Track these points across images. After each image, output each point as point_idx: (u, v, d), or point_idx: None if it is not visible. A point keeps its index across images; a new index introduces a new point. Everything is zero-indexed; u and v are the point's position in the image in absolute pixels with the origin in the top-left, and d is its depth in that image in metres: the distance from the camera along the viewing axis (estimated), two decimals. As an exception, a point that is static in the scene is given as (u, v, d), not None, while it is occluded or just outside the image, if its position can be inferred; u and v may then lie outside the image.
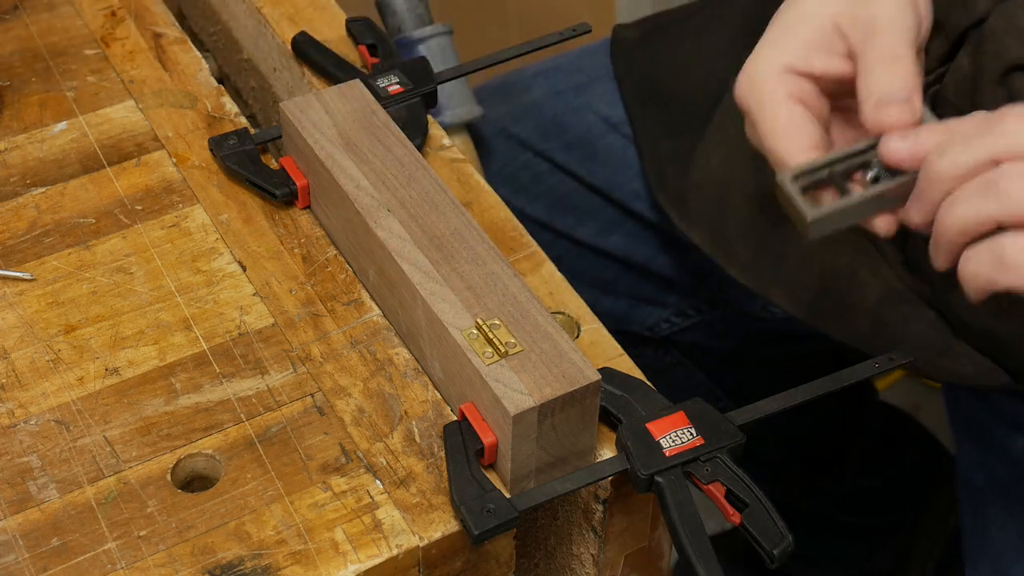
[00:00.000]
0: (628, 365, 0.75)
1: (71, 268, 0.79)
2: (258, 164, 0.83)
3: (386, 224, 0.74)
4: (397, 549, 0.66)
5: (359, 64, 0.90)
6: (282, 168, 0.82)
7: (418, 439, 0.71)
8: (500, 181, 1.09)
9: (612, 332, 0.77)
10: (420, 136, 0.85)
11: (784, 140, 0.72)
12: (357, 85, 0.82)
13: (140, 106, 0.88)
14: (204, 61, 0.92)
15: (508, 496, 0.67)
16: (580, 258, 1.11)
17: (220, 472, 0.69)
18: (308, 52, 0.90)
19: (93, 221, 0.82)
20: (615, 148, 1.08)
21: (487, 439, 0.68)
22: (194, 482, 0.70)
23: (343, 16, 0.94)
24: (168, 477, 0.69)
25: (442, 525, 0.67)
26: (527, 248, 0.81)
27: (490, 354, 0.68)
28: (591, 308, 0.78)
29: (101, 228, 0.81)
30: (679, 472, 0.68)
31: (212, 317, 0.77)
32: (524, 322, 0.70)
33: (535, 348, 0.68)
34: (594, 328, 0.77)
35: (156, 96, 0.89)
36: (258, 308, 0.77)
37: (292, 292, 0.78)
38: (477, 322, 0.69)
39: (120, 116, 0.88)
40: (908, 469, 1.41)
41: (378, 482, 0.69)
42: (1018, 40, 0.78)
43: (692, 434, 0.69)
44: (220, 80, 0.96)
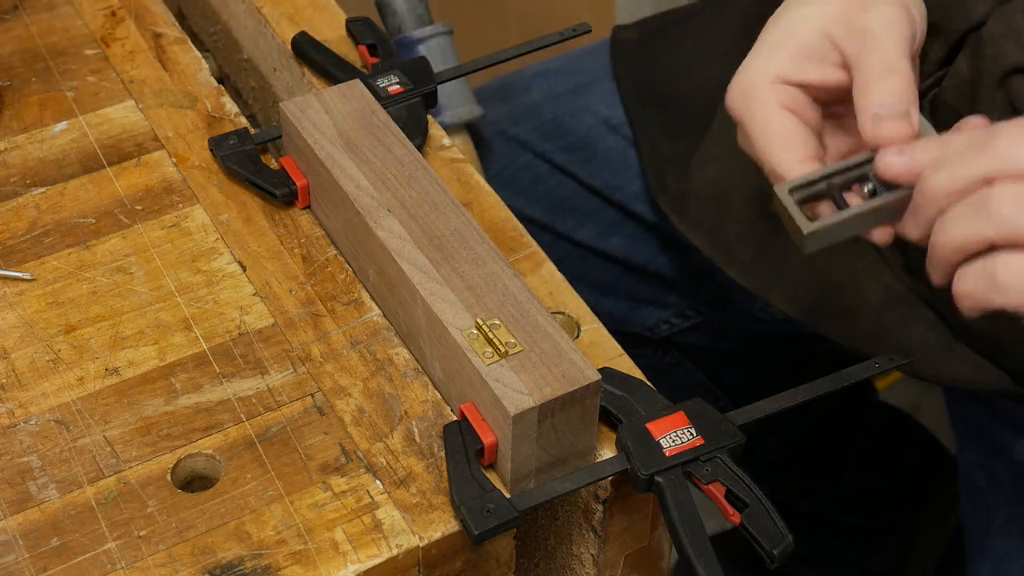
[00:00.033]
0: (628, 365, 0.75)
1: (71, 268, 0.79)
2: (258, 164, 0.83)
3: (386, 224, 0.74)
4: (397, 549, 0.66)
5: (359, 64, 0.90)
6: (282, 168, 0.82)
7: (418, 439, 0.71)
8: (500, 183, 1.09)
9: (612, 333, 0.77)
10: (420, 136, 0.85)
11: (778, 151, 0.71)
12: (357, 85, 0.82)
13: (140, 106, 0.88)
14: (204, 61, 0.92)
15: (508, 496, 0.67)
16: (580, 260, 1.11)
17: (220, 472, 0.69)
18: (308, 52, 0.90)
19: (93, 221, 0.82)
20: (615, 150, 1.08)
21: (487, 439, 0.68)
22: (194, 482, 0.70)
23: (343, 16, 0.94)
24: (168, 477, 0.69)
25: (442, 525, 0.67)
26: (527, 248, 0.81)
27: (490, 354, 0.68)
28: (591, 310, 0.78)
29: (101, 228, 0.81)
30: (679, 472, 0.68)
31: (212, 317, 0.77)
32: (524, 322, 0.70)
33: (535, 348, 0.68)
34: (594, 328, 0.77)
35: (156, 96, 0.89)
36: (258, 308, 0.77)
37: (292, 292, 0.78)
38: (477, 322, 0.69)
39: (120, 116, 0.88)
40: (908, 469, 1.41)
41: (378, 482, 0.69)
42: (1017, 44, 0.78)
43: (692, 434, 0.69)
44: (220, 80, 0.96)
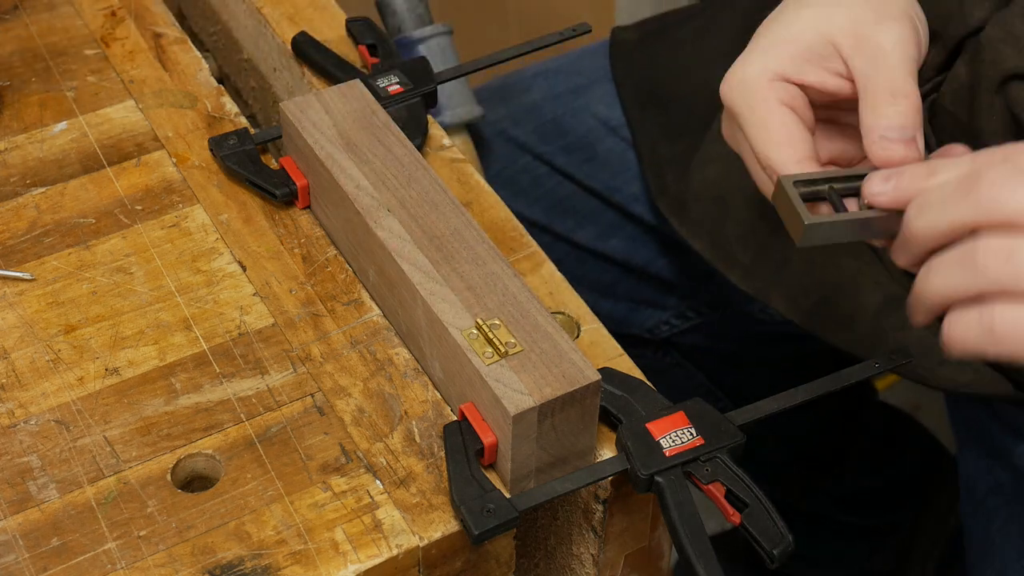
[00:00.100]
0: (628, 365, 0.75)
1: (71, 268, 0.79)
2: (258, 164, 0.83)
3: (386, 224, 0.74)
4: (397, 549, 0.66)
5: (359, 64, 0.90)
6: (282, 168, 0.82)
7: (418, 439, 0.71)
8: (499, 184, 1.09)
9: (612, 335, 0.77)
10: (420, 136, 0.85)
11: (776, 147, 0.71)
12: (357, 85, 0.82)
13: (140, 106, 0.88)
14: (204, 61, 0.92)
15: (508, 496, 0.67)
16: (580, 261, 1.11)
17: (220, 472, 0.69)
18: (308, 52, 0.90)
19: (93, 221, 0.82)
20: (614, 151, 1.08)
21: (487, 439, 0.68)
22: (194, 482, 0.70)
23: (343, 16, 0.94)
24: (168, 477, 0.69)
25: (442, 525, 0.67)
26: (527, 248, 0.81)
27: (490, 354, 0.68)
28: (591, 311, 0.78)
29: (101, 228, 0.81)
30: (679, 472, 0.68)
31: (212, 317, 0.77)
32: (524, 322, 0.70)
33: (535, 348, 0.68)
34: (594, 328, 0.77)
35: (156, 96, 0.89)
36: (258, 308, 0.77)
37: (292, 292, 0.78)
38: (477, 322, 0.69)
39: (120, 116, 0.88)
40: (908, 469, 1.41)
41: (378, 482, 0.69)
42: (1015, 49, 0.78)
43: (692, 434, 0.69)
44: (220, 80, 0.96)
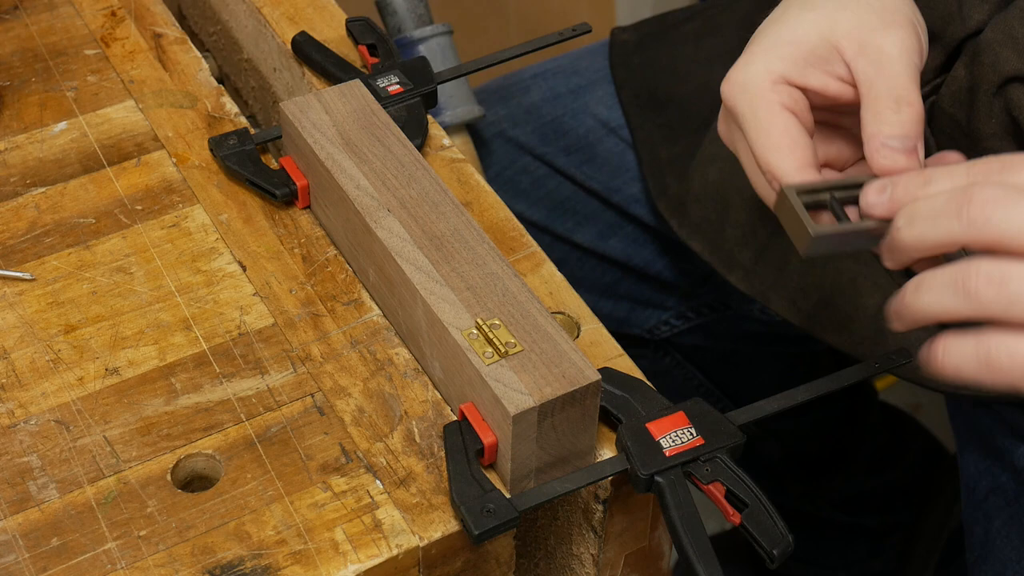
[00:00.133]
0: (628, 365, 0.75)
1: (71, 268, 0.79)
2: (258, 164, 0.83)
3: (386, 224, 0.74)
4: (397, 549, 0.66)
5: (359, 64, 0.90)
6: (282, 168, 0.82)
7: (418, 439, 0.71)
8: (500, 184, 1.09)
9: (612, 335, 0.77)
10: (420, 136, 0.85)
11: (778, 154, 0.70)
12: (357, 85, 0.82)
13: (140, 106, 0.88)
14: (204, 61, 0.92)
15: (508, 496, 0.67)
16: (579, 262, 1.11)
17: (220, 472, 0.69)
18: (308, 52, 0.90)
19: (93, 221, 0.82)
20: (614, 152, 1.08)
21: (487, 439, 0.68)
22: (194, 482, 0.70)
23: (343, 16, 0.94)
24: (168, 477, 0.69)
25: (442, 525, 0.67)
26: (527, 248, 0.81)
27: (490, 354, 0.68)
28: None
29: (101, 228, 0.81)
30: (679, 472, 0.68)
31: (212, 317, 0.77)
32: (524, 322, 0.70)
33: (535, 348, 0.68)
34: (594, 328, 0.77)
35: (156, 96, 0.89)
36: (258, 308, 0.77)
37: (292, 292, 0.78)
38: (477, 322, 0.69)
39: (120, 116, 0.88)
40: (908, 469, 1.41)
41: (378, 482, 0.69)
42: (1014, 52, 0.78)
43: (692, 434, 0.69)
44: (220, 80, 0.96)
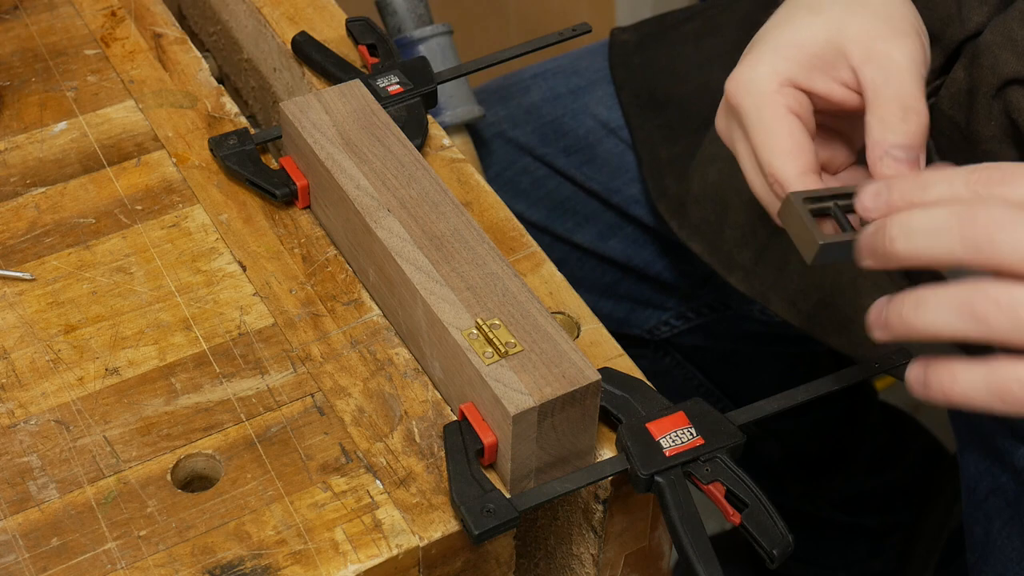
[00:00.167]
0: (628, 365, 0.75)
1: (71, 268, 0.79)
2: (258, 164, 0.83)
3: (386, 224, 0.74)
4: (397, 549, 0.66)
5: (359, 64, 0.90)
6: (282, 168, 0.82)
7: (418, 439, 0.71)
8: (500, 185, 1.09)
9: (612, 335, 0.77)
10: (420, 136, 0.85)
11: (782, 157, 0.70)
12: (357, 85, 0.82)
13: (140, 106, 0.88)
14: (204, 61, 0.92)
15: (508, 496, 0.67)
16: (579, 262, 1.11)
17: (220, 472, 0.69)
18: (308, 52, 0.90)
19: (93, 221, 0.82)
20: (613, 152, 1.08)
21: (487, 439, 0.68)
22: (194, 482, 0.70)
23: (343, 16, 0.94)
24: (168, 477, 0.69)
25: (442, 525, 0.67)
26: (527, 248, 0.81)
27: (490, 354, 0.68)
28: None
29: (101, 228, 0.81)
30: (679, 472, 0.68)
31: (212, 317, 0.77)
32: (524, 322, 0.70)
33: (535, 348, 0.68)
34: (594, 328, 0.77)
35: (156, 96, 0.89)
36: (258, 308, 0.77)
37: (292, 292, 0.78)
38: (477, 322, 0.69)
39: (120, 116, 0.88)
40: (908, 469, 1.41)
41: (378, 482, 0.69)
42: (1014, 54, 0.78)
43: (692, 434, 0.69)
44: (220, 80, 0.96)
